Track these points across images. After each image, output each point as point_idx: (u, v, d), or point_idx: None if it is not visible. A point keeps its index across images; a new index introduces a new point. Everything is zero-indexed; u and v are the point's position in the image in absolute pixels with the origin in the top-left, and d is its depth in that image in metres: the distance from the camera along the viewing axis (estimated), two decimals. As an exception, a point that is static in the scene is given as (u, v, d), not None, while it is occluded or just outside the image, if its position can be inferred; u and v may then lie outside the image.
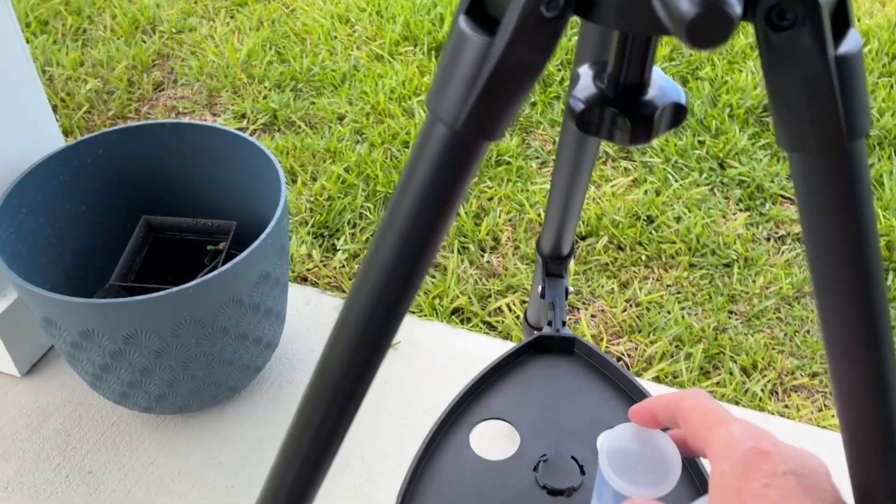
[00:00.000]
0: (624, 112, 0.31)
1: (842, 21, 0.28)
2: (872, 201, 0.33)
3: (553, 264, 0.69)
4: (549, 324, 0.66)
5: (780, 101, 0.29)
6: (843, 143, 0.30)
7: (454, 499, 0.53)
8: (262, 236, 0.98)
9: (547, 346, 0.63)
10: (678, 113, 0.32)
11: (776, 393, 1.21)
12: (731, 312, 1.33)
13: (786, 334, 1.30)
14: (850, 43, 0.28)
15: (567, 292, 0.70)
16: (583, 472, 0.56)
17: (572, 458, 0.55)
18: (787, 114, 0.29)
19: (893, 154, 1.59)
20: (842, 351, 0.36)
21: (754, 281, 1.38)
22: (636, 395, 0.62)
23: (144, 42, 1.93)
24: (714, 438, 0.38)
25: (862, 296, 0.34)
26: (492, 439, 0.60)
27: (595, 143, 0.58)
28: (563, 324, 0.66)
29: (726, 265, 1.41)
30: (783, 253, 1.43)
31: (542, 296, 0.70)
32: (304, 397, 0.40)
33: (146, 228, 1.17)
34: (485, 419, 0.58)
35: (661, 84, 0.32)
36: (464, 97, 0.29)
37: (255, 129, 1.69)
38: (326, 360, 0.37)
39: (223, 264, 1.09)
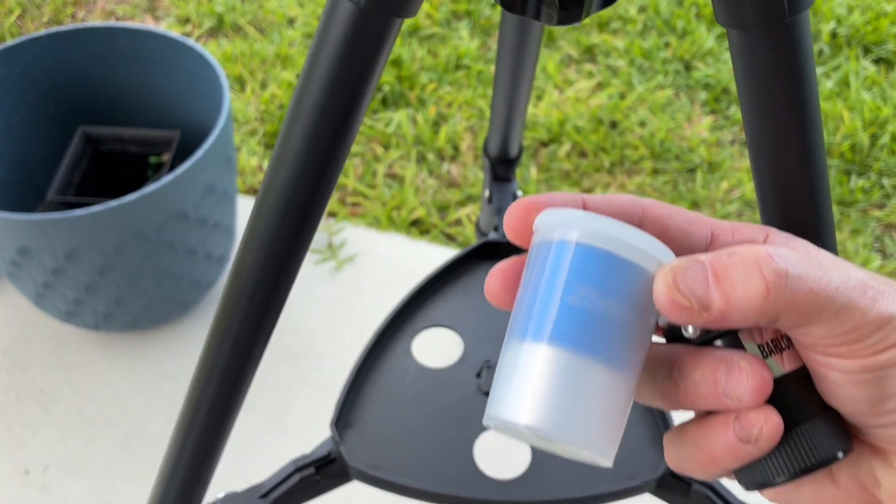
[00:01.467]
0: None
1: None
2: (816, 80, 0.30)
3: (501, 167, 0.66)
4: (495, 229, 0.63)
5: None
6: (784, 17, 0.27)
7: (396, 407, 0.51)
8: (205, 147, 0.93)
9: (493, 251, 0.60)
10: None
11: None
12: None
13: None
14: None
15: (515, 197, 0.67)
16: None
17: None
18: None
19: (861, 54, 1.56)
20: (778, 226, 0.34)
21: (718, 185, 1.36)
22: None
23: (79, -59, 1.80)
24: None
25: (805, 186, 0.32)
26: (435, 347, 0.58)
27: (537, 32, 0.54)
28: (512, 230, 0.63)
29: (690, 170, 1.39)
30: (747, 157, 1.41)
31: (490, 200, 0.66)
32: (221, 303, 0.37)
33: (84, 140, 1.11)
34: (427, 327, 0.56)
35: None
36: None
37: (201, 35, 1.60)
38: (240, 265, 0.34)
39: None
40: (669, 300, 0.25)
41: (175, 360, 1.10)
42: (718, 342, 0.27)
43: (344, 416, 0.51)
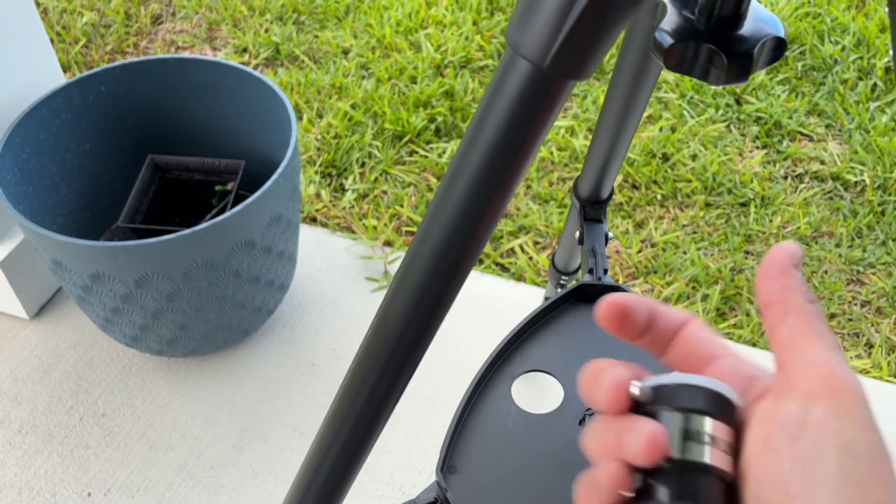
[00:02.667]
0: (720, 48, 0.28)
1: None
2: None
3: (591, 208, 0.66)
4: (591, 272, 0.63)
5: None
6: None
7: (499, 453, 0.51)
8: (274, 176, 0.95)
9: (589, 294, 0.61)
10: (778, 48, 0.29)
11: (793, 334, 1.20)
12: (747, 253, 1.32)
13: (803, 274, 1.28)
14: None
15: (607, 238, 0.67)
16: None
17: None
18: None
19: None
20: None
21: (771, 220, 1.35)
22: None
23: (140, -28, 1.86)
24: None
25: None
26: (534, 392, 0.58)
27: (654, 77, 0.54)
28: (605, 271, 0.64)
29: (743, 204, 1.39)
30: (800, 192, 1.40)
31: (581, 241, 0.67)
32: (361, 350, 0.37)
33: (152, 168, 1.14)
34: (527, 371, 0.56)
35: (759, 16, 0.29)
36: (552, 32, 0.26)
37: (258, 64, 1.64)
38: (385, 315, 0.35)
39: (232, 205, 1.06)
40: None
41: (234, 386, 1.11)
42: None
43: (449, 462, 0.51)
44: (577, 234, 0.67)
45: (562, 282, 0.90)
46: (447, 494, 0.50)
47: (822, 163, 1.45)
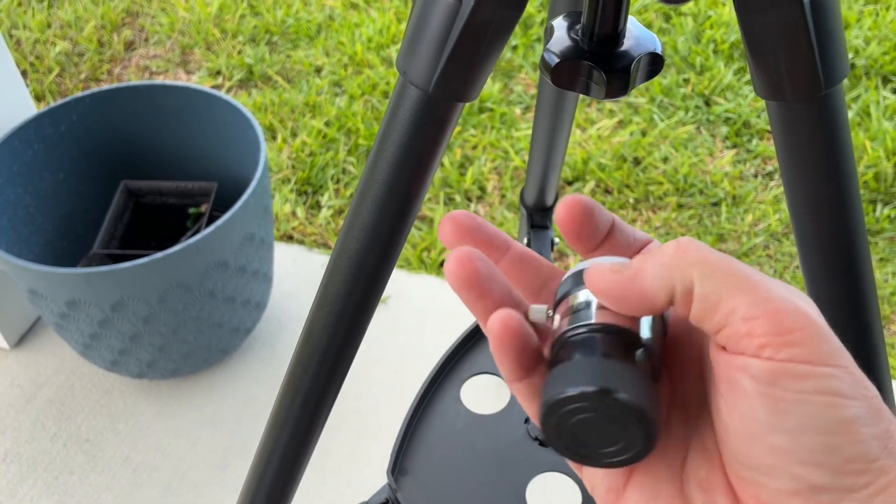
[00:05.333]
0: (599, 65, 0.29)
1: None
2: (852, 147, 0.32)
3: (538, 215, 0.68)
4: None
5: (755, 50, 0.28)
6: (819, 90, 0.29)
7: (447, 454, 0.53)
8: (244, 197, 0.97)
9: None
10: (655, 63, 0.31)
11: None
12: (720, 251, 1.34)
13: (775, 271, 1.30)
14: None
15: (553, 244, 0.69)
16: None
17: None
18: (763, 62, 0.28)
19: (880, 84, 1.57)
20: (825, 300, 0.36)
21: (743, 219, 1.37)
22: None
23: (112, 0, 1.87)
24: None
25: (842, 246, 0.34)
26: (483, 393, 0.60)
27: (575, 96, 0.56)
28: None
29: (714, 204, 1.41)
30: (771, 189, 1.43)
31: (528, 247, 0.69)
32: (293, 361, 0.39)
33: (126, 193, 1.15)
34: (475, 374, 0.58)
35: (637, 34, 0.31)
36: (434, 59, 0.27)
37: (231, 86, 1.65)
38: (311, 327, 0.36)
39: (206, 226, 1.07)
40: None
41: (216, 405, 1.12)
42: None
43: (399, 464, 0.53)
44: (525, 240, 0.69)
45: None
46: (397, 495, 0.51)
47: (791, 160, 1.48)
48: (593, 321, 0.26)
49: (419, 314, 1.22)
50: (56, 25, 1.80)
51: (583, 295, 0.27)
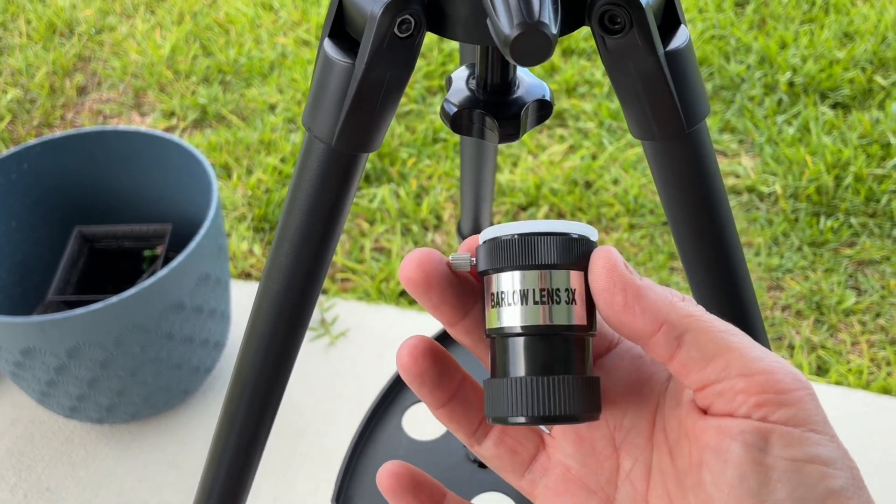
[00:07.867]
0: (491, 113, 0.32)
1: (672, 19, 0.30)
2: (720, 175, 0.35)
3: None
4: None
5: (623, 97, 0.31)
6: (683, 129, 0.32)
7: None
8: (197, 238, 0.97)
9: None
10: (543, 109, 0.34)
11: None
12: (672, 269, 1.37)
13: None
14: (679, 38, 0.30)
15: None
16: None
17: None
18: (632, 107, 0.31)
19: (818, 100, 1.63)
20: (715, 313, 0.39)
21: (692, 236, 1.41)
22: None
23: (63, 46, 1.88)
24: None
25: (721, 262, 0.37)
26: (424, 420, 0.61)
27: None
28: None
29: (665, 223, 1.44)
30: (718, 206, 1.47)
31: None
32: (226, 399, 0.40)
33: (80, 239, 1.15)
34: (416, 402, 0.59)
35: (528, 82, 0.34)
36: (334, 115, 0.30)
37: (186, 127, 1.66)
38: (241, 366, 0.38)
39: (162, 268, 1.08)
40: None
41: (177, 446, 1.12)
42: None
43: (344, 492, 0.54)
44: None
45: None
46: (344, 526, 0.52)
47: (738, 176, 1.52)
48: (540, 323, 0.27)
49: (379, 345, 1.23)
50: (7, 73, 1.80)
51: (518, 281, 0.28)
